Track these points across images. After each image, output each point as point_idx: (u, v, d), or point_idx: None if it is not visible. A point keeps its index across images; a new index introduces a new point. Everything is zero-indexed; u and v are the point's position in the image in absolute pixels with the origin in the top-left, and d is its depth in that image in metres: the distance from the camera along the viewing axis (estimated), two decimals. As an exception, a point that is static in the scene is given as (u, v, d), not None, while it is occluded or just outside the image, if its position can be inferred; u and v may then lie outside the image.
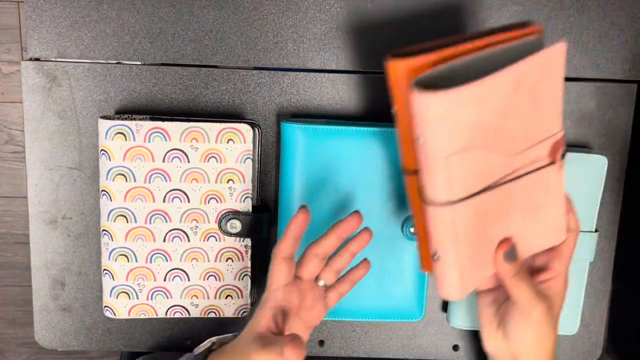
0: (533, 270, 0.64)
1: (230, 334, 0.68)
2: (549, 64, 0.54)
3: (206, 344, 0.67)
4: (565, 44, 0.54)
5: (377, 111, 0.75)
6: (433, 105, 0.48)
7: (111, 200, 0.71)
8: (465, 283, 0.58)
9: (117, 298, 0.73)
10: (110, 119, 0.70)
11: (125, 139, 0.69)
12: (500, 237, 0.58)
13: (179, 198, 0.72)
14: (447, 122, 0.50)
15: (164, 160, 0.70)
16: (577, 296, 0.76)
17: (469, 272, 0.57)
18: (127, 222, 0.71)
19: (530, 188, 0.57)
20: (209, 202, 0.72)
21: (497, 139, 0.53)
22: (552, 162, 0.57)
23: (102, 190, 0.71)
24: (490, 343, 0.66)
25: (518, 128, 0.54)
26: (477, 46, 0.53)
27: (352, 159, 0.71)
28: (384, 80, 0.75)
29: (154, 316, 0.74)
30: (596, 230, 0.75)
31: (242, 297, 0.75)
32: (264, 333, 0.61)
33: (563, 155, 0.58)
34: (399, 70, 0.51)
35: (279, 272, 0.63)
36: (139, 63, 0.74)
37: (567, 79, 0.76)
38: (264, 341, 0.59)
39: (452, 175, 0.52)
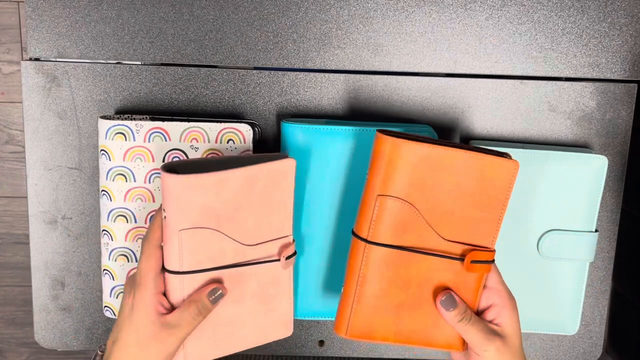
0: (480, 313, 0.65)
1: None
2: (279, 174, 0.63)
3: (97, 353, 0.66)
4: (294, 161, 0.63)
5: (377, 111, 0.75)
6: (172, 185, 0.59)
7: (111, 200, 0.71)
8: (190, 350, 0.64)
9: (117, 298, 0.73)
10: (110, 119, 0.70)
11: (125, 139, 0.69)
12: (234, 319, 0.65)
13: (179, 198, 0.72)
14: (181, 201, 0.59)
15: (164, 160, 0.70)
16: (577, 296, 0.76)
17: (193, 340, 0.63)
18: (127, 222, 0.71)
19: (262, 279, 0.66)
20: (209, 202, 0.72)
21: (230, 226, 0.62)
22: (278, 260, 0.66)
23: (102, 190, 0.71)
24: None
25: (251, 223, 0.63)
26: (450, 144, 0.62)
27: (352, 159, 0.71)
28: (384, 81, 0.75)
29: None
30: (596, 230, 0.75)
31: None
32: (161, 319, 0.59)
33: (290, 257, 0.66)
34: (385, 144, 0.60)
35: (153, 258, 0.61)
36: (139, 63, 0.74)
37: (567, 79, 0.76)
38: (171, 322, 0.59)
39: (182, 248, 0.60)
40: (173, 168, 0.60)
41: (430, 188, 0.60)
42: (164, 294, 0.61)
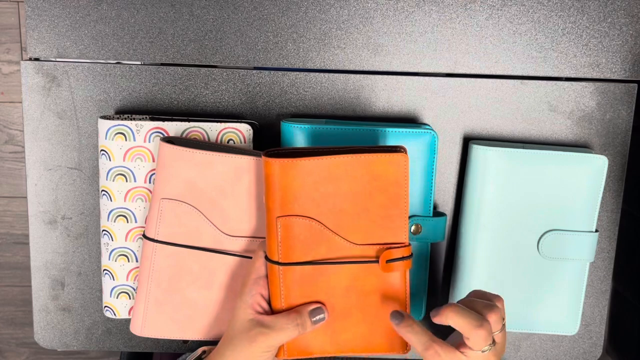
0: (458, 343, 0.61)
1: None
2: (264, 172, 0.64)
3: (197, 352, 0.67)
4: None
5: (376, 111, 0.75)
6: (163, 153, 0.64)
7: (111, 200, 0.71)
8: (149, 320, 0.68)
9: (117, 298, 0.73)
10: (110, 119, 0.70)
11: (125, 139, 0.69)
12: (199, 304, 0.67)
13: (179, 198, 0.72)
14: (168, 171, 0.64)
15: (163, 160, 0.70)
16: (577, 296, 0.76)
17: (152, 312, 0.67)
18: (127, 222, 0.71)
19: (236, 272, 0.67)
20: (209, 202, 0.72)
21: (210, 209, 0.65)
22: (250, 257, 0.66)
23: (102, 190, 0.71)
24: None
25: (233, 213, 0.65)
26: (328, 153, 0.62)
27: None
28: (384, 81, 0.75)
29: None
30: (596, 230, 0.75)
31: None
32: (257, 317, 0.61)
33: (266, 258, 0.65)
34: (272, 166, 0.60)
35: (261, 263, 0.63)
36: (139, 63, 0.74)
37: (567, 79, 0.76)
38: (265, 322, 0.60)
39: (161, 216, 0.65)
40: (171, 141, 0.66)
41: (327, 198, 0.60)
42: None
